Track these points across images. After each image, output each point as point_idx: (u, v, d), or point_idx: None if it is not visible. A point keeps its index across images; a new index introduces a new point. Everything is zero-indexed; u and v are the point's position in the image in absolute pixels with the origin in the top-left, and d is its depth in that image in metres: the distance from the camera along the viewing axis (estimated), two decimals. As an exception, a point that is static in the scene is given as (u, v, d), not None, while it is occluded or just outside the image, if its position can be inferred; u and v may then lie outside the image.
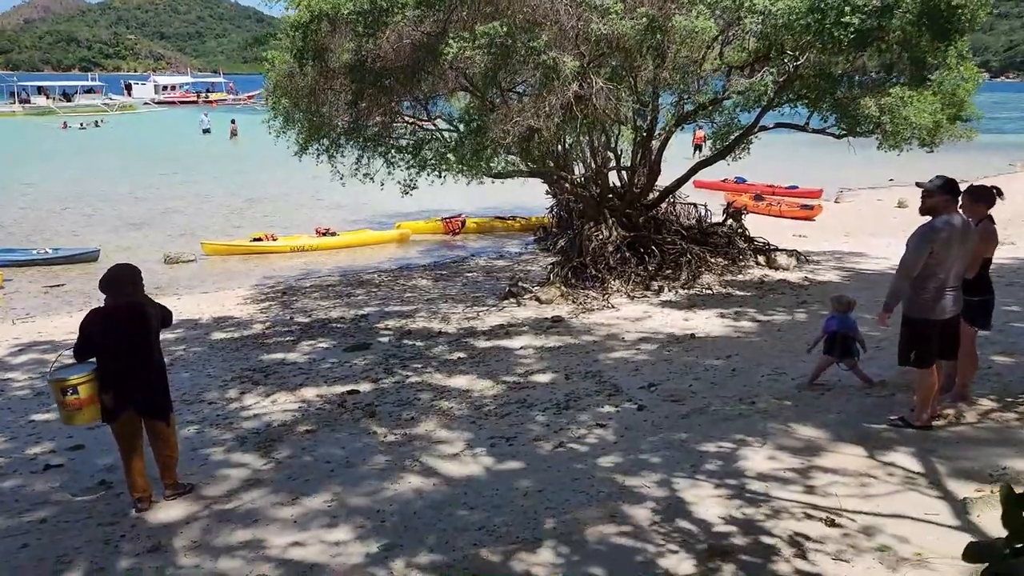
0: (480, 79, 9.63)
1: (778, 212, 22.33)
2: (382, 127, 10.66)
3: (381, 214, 22.62)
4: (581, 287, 12.70)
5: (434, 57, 9.21)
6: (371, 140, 10.90)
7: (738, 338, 9.79)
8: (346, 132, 10.85)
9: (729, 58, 11.07)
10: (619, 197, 14.02)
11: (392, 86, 9.90)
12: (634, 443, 6.55)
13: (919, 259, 6.00)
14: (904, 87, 11.10)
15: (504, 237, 20.50)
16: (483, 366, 9.21)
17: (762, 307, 11.25)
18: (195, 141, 48.19)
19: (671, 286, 12.50)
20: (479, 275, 15.64)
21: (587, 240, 13.11)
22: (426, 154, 10.77)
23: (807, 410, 7.05)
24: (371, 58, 9.60)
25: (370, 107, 10.24)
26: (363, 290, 14.41)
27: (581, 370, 8.78)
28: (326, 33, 9.87)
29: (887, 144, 12.50)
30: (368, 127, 10.63)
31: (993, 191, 6.79)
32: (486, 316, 11.75)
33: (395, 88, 9.97)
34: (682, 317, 10.92)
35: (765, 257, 13.94)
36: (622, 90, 9.72)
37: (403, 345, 10.32)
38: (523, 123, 9.25)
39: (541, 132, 9.30)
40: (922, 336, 6.14)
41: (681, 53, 9.77)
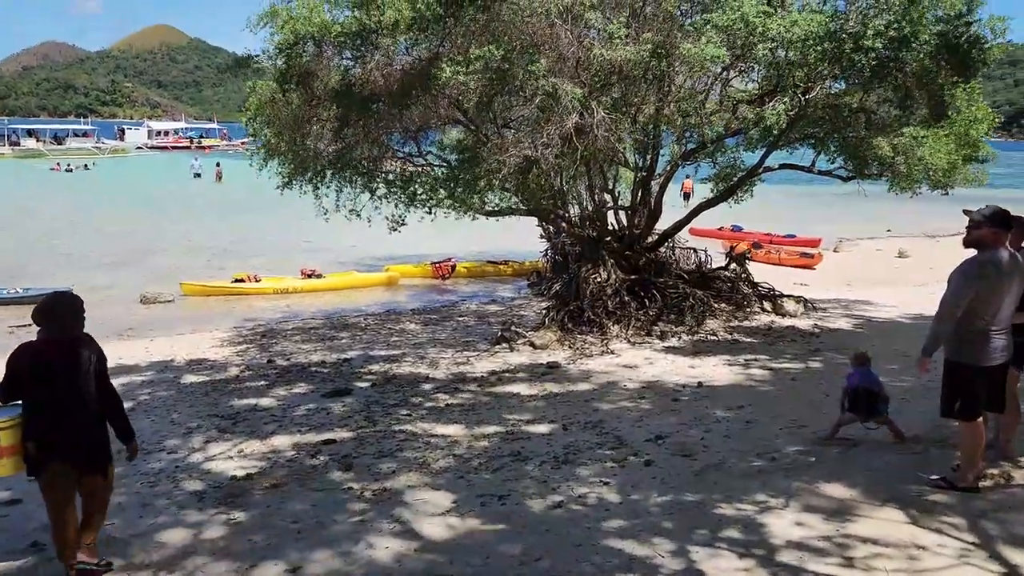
0: (474, 106, 9.05)
1: (777, 260, 21.79)
2: (369, 159, 10.01)
3: (370, 257, 22.02)
4: (578, 332, 11.99)
5: (426, 82, 8.65)
6: (357, 172, 10.25)
7: (750, 387, 9.07)
8: (331, 163, 10.19)
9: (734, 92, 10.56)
10: (618, 239, 13.41)
11: (381, 113, 9.30)
12: (642, 504, 5.77)
13: (962, 299, 5.33)
14: (918, 127, 10.59)
15: (496, 282, 19.86)
16: (473, 415, 8.44)
17: (773, 355, 10.55)
18: (184, 184, 47.82)
19: (675, 332, 11.80)
20: (470, 320, 14.93)
21: (584, 282, 12.44)
22: (415, 188, 10.12)
23: (834, 467, 6.30)
24: (359, 83, 9.03)
25: (357, 136, 9.62)
26: (347, 333, 13.66)
27: (580, 420, 8.02)
28: (311, 56, 9.33)
29: (898, 187, 11.97)
30: (354, 158, 9.96)
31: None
32: (477, 361, 11.00)
33: (384, 116, 9.37)
34: (688, 364, 10.20)
35: (771, 303, 13.29)
36: (624, 121, 9.16)
37: (387, 391, 9.55)
38: (520, 153, 8.65)
39: (539, 163, 8.69)
40: (968, 384, 5.43)
41: (686, 84, 9.24)
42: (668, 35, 8.89)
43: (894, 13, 8.80)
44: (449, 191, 9.39)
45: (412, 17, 8.40)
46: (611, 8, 9.16)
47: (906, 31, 8.56)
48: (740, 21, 8.48)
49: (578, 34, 8.81)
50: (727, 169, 13.09)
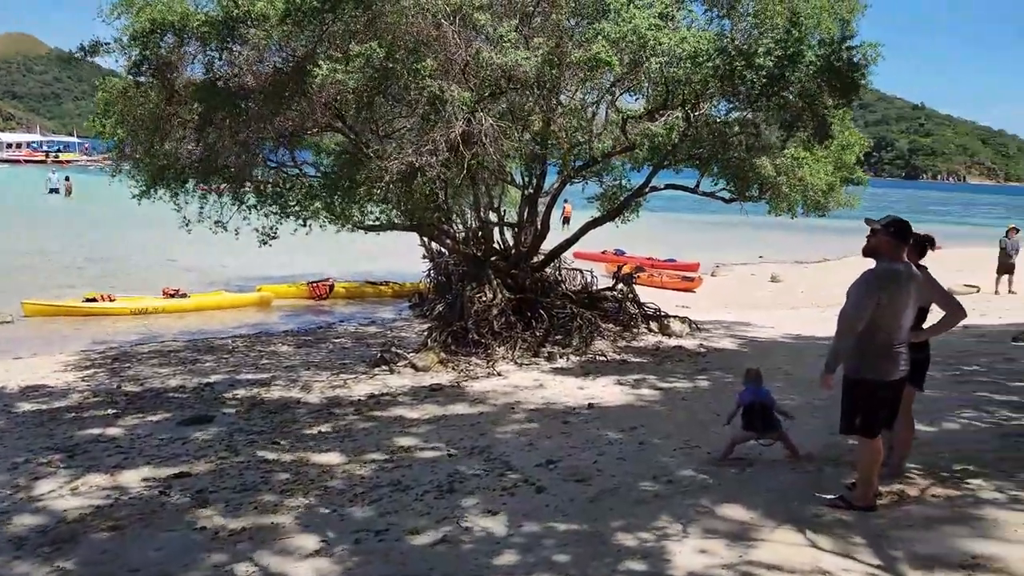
0: (353, 109, 8.43)
1: (660, 283, 22.04)
2: (237, 164, 9.13)
3: (241, 277, 20.83)
4: (463, 353, 11.46)
5: (301, 81, 7.98)
6: (223, 178, 9.34)
7: (641, 407, 8.79)
8: (192, 168, 9.24)
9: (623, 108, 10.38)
10: (504, 258, 13.01)
11: (250, 113, 8.52)
12: (535, 536, 5.28)
13: (863, 311, 5.15)
14: (798, 148, 10.76)
15: (376, 303, 19.09)
16: (350, 441, 7.74)
17: (661, 374, 10.36)
18: (37, 200, 44.35)
19: (562, 352, 11.47)
20: (348, 342, 14.14)
21: (469, 302, 11.94)
22: (288, 197, 9.34)
23: (731, 488, 6.02)
24: (224, 78, 8.24)
25: (222, 138, 8.77)
26: (212, 357, 12.60)
27: (467, 445, 7.48)
28: (171, 48, 8.46)
29: (778, 208, 12.17)
30: (219, 163, 9.06)
31: (924, 239, 6.16)
32: (355, 385, 10.28)
33: (254, 117, 8.59)
34: (577, 385, 9.85)
35: (658, 323, 13.21)
36: (512, 131, 8.79)
37: (253, 418, 8.70)
38: (403, 160, 8.10)
39: (423, 172, 8.15)
40: (869, 400, 5.26)
41: (576, 97, 8.98)
42: (559, 43, 8.60)
43: (778, 33, 8.88)
44: (325, 201, 8.69)
45: (285, 9, 7.73)
46: (501, 14, 8.78)
47: (792, 50, 8.63)
48: (632, 33, 8.31)
49: (467, 37, 8.37)
50: (613, 189, 12.98)
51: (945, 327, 5.83)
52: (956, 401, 8.18)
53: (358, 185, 8.30)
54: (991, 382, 9.18)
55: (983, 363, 10.35)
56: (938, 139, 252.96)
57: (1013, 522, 5.02)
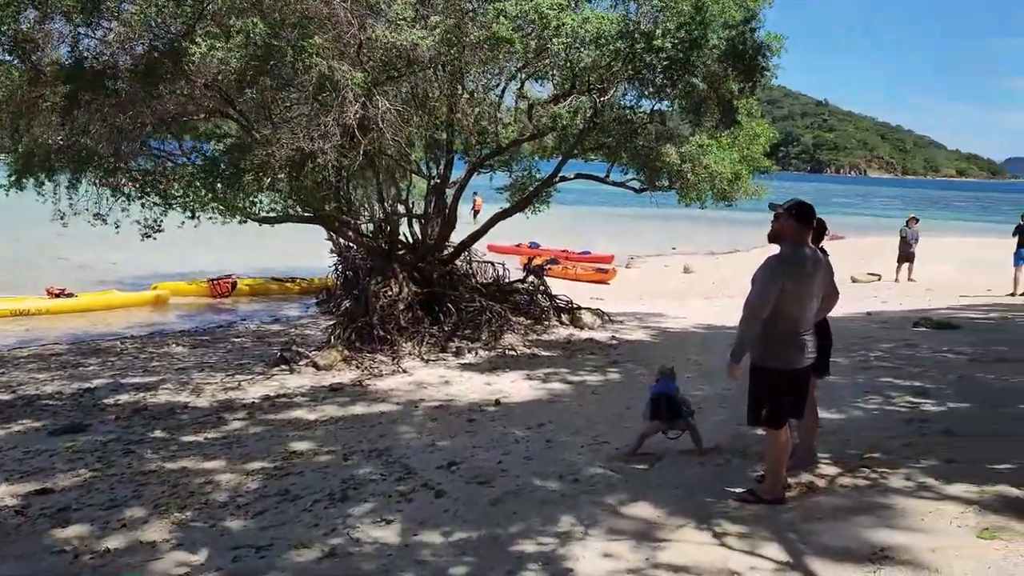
0: (235, 89, 7.84)
1: (574, 276, 21.94)
2: (109, 151, 8.32)
3: (138, 275, 19.69)
4: (367, 350, 10.98)
5: (177, 60, 7.35)
6: (97, 166, 8.53)
7: (550, 402, 8.50)
8: (59, 153, 8.42)
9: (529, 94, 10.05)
10: (410, 250, 12.56)
11: (123, 95, 7.81)
12: (430, 545, 4.91)
13: (769, 297, 4.97)
14: (704, 135, 10.68)
15: (281, 300, 18.35)
16: (238, 447, 7.19)
17: (572, 367, 10.12)
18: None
19: (471, 347, 11.11)
20: (248, 341, 13.44)
21: (374, 297, 11.45)
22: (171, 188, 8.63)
23: (638, 485, 5.78)
24: (92, 57, 7.53)
25: (93, 122, 8.01)
26: (97, 360, 11.73)
27: (364, 448, 7.03)
28: (32, 24, 7.68)
29: (687, 199, 12.09)
30: (90, 149, 8.25)
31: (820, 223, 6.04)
32: (250, 386, 9.68)
33: (128, 99, 7.88)
34: (484, 381, 9.51)
35: (569, 316, 12.99)
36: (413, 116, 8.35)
37: (133, 425, 8.03)
38: (293, 145, 7.57)
39: (315, 158, 7.63)
40: (776, 390, 5.08)
41: (480, 82, 8.61)
42: (459, 23, 8.20)
43: (683, 16, 8.72)
44: (208, 188, 8.06)
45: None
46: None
47: (695, 34, 8.49)
48: (533, 12, 7.99)
49: (360, 15, 7.87)
50: (523, 179, 12.69)
51: (825, 312, 5.66)
52: (861, 388, 8.20)
53: (242, 172, 7.71)
54: (894, 367, 9.27)
55: (886, 349, 10.49)
56: (840, 134, 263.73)
57: (919, 510, 4.92)
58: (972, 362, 9.44)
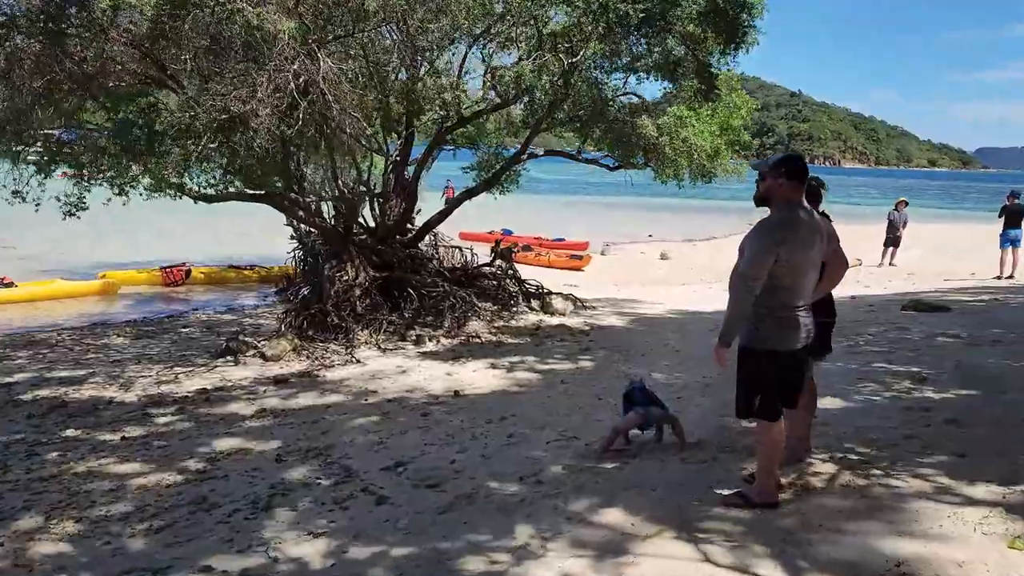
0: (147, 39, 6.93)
1: (547, 263, 21.18)
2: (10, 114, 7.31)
3: (89, 264, 18.66)
4: (320, 340, 10.14)
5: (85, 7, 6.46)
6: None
7: (515, 393, 7.72)
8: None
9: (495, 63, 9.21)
10: (370, 232, 11.72)
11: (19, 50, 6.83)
12: (361, 564, 4.13)
13: (762, 268, 4.20)
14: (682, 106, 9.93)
15: (239, 289, 17.40)
16: (159, 448, 6.35)
17: (540, 355, 9.35)
18: None
19: (432, 335, 10.30)
20: (197, 331, 12.53)
21: (329, 283, 10.61)
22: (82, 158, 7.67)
23: (609, 487, 5.04)
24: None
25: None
26: (27, 353, 10.78)
27: (302, 447, 6.22)
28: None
29: (663, 175, 11.36)
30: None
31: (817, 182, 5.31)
32: (187, 379, 8.81)
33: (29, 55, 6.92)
34: (445, 371, 8.72)
35: (539, 301, 12.22)
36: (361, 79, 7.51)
37: (46, 424, 7.15)
38: (219, 106, 6.70)
39: (246, 123, 6.77)
40: (769, 376, 4.33)
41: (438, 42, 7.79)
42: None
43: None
44: (121, 157, 7.15)
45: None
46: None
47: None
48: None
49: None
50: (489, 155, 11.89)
51: (831, 284, 4.92)
52: (854, 374, 7.51)
53: (159, 137, 6.83)
54: (887, 351, 8.61)
55: (875, 332, 9.84)
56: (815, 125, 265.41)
57: (935, 514, 4.22)
58: (968, 346, 8.81)
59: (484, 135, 11.98)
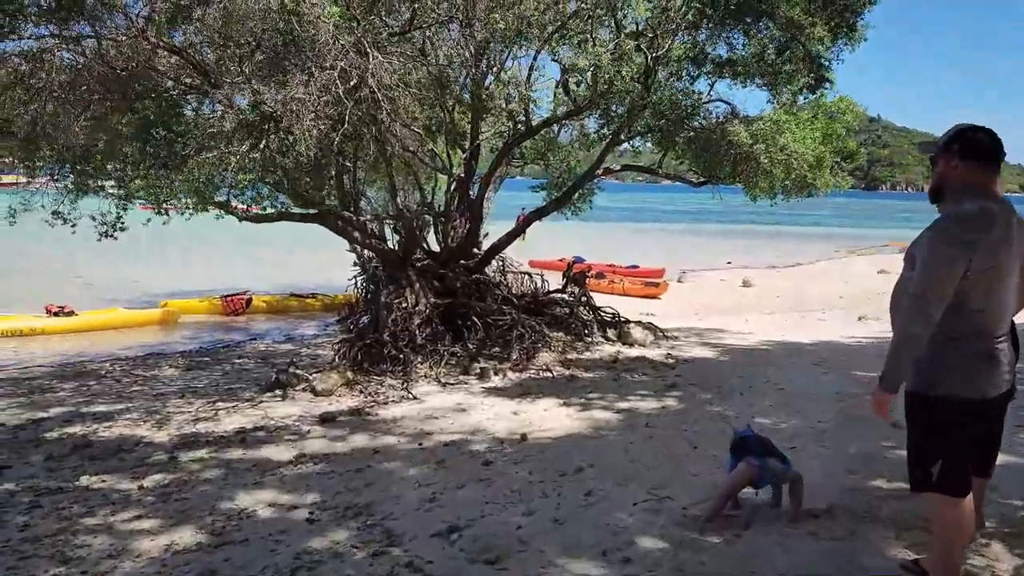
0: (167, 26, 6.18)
1: (621, 291, 20.02)
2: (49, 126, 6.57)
3: (152, 293, 18.40)
4: (376, 372, 9.24)
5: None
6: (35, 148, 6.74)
7: (592, 438, 6.61)
8: None
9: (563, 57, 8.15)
10: (431, 256, 10.84)
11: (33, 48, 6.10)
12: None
13: (946, 282, 3.00)
14: (780, 110, 8.76)
15: (301, 318, 16.76)
16: (176, 501, 5.45)
17: (620, 392, 8.20)
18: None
19: (498, 368, 9.28)
20: (250, 362, 11.81)
21: (386, 310, 9.74)
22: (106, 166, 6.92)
23: (720, 568, 3.89)
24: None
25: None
26: (72, 384, 10.19)
27: (340, 503, 5.24)
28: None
29: (756, 190, 10.15)
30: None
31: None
32: (228, 416, 7.98)
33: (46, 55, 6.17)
34: (511, 409, 7.66)
35: (616, 331, 11.09)
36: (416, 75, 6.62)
37: (63, 467, 6.36)
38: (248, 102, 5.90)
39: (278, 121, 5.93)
40: (956, 433, 3.13)
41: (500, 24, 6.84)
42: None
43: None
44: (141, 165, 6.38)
45: None
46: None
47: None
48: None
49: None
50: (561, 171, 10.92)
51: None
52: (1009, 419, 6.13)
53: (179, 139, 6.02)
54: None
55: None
56: (895, 150, 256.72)
57: None
58: None
59: (556, 149, 11.01)
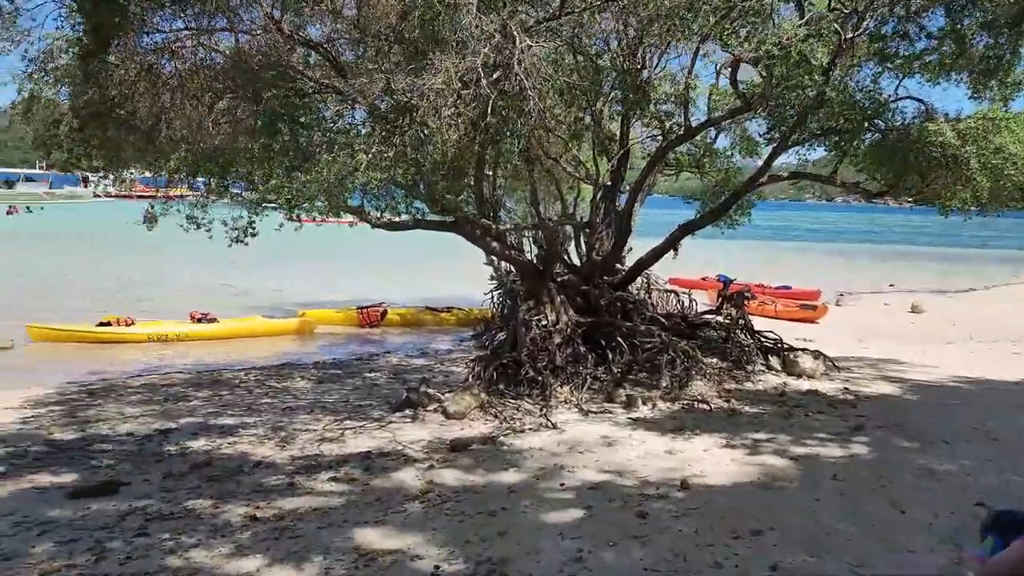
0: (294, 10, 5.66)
1: (774, 313, 18.41)
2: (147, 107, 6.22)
3: (294, 301, 18.51)
4: (512, 395, 8.49)
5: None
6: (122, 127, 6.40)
7: (765, 489, 5.54)
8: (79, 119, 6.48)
9: (730, 42, 7.07)
10: (573, 270, 10.02)
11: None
12: None
13: None
14: (994, 106, 7.38)
15: (436, 332, 16.31)
16: (288, 539, 4.83)
17: (793, 433, 7.04)
18: (122, 226, 44.20)
19: (647, 396, 8.30)
20: (383, 377, 11.37)
21: (524, 327, 8.98)
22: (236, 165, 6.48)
23: None
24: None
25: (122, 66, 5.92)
26: (206, 394, 10.04)
27: (471, 556, 4.46)
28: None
29: (955, 202, 8.69)
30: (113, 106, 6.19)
31: None
32: (354, 437, 7.43)
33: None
34: (665, 448, 6.67)
35: (780, 359, 9.85)
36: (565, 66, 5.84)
37: (180, 487, 5.94)
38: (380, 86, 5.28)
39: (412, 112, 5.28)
40: None
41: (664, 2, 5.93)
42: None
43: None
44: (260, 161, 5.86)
45: None
46: None
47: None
48: None
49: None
50: (721, 179, 9.86)
51: None
52: None
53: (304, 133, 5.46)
54: None
55: None
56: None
57: None
58: None
59: (713, 155, 9.97)
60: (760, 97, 7.58)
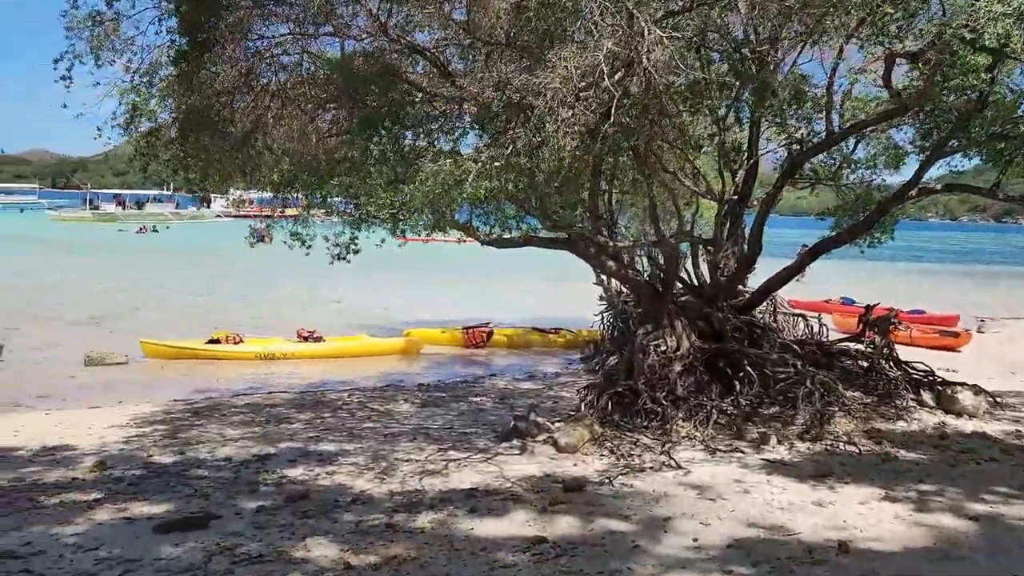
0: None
1: (908, 339, 16.83)
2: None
3: (401, 320, 18.29)
4: (628, 428, 7.76)
5: None
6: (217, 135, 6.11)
7: (945, 558, 4.61)
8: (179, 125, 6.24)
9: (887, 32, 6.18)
10: (694, 292, 9.23)
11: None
12: None
13: None
14: None
15: (543, 354, 15.70)
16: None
17: (964, 485, 6.01)
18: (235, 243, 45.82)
19: (782, 434, 7.40)
20: (489, 401, 10.85)
21: (641, 353, 8.25)
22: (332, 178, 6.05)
23: None
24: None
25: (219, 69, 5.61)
26: (309, 415, 9.76)
27: (593, 629, 3.78)
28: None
29: None
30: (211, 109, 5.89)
31: None
32: (458, 470, 6.87)
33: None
34: (811, 498, 5.80)
35: (934, 394, 8.72)
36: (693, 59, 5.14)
37: (272, 523, 5.50)
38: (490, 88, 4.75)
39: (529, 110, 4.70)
40: None
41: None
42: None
43: None
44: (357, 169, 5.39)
45: None
46: None
47: None
48: None
49: None
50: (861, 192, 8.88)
51: None
52: None
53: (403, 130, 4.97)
54: None
55: None
56: None
57: None
58: None
59: (852, 166, 9.01)
60: (920, 97, 6.64)
